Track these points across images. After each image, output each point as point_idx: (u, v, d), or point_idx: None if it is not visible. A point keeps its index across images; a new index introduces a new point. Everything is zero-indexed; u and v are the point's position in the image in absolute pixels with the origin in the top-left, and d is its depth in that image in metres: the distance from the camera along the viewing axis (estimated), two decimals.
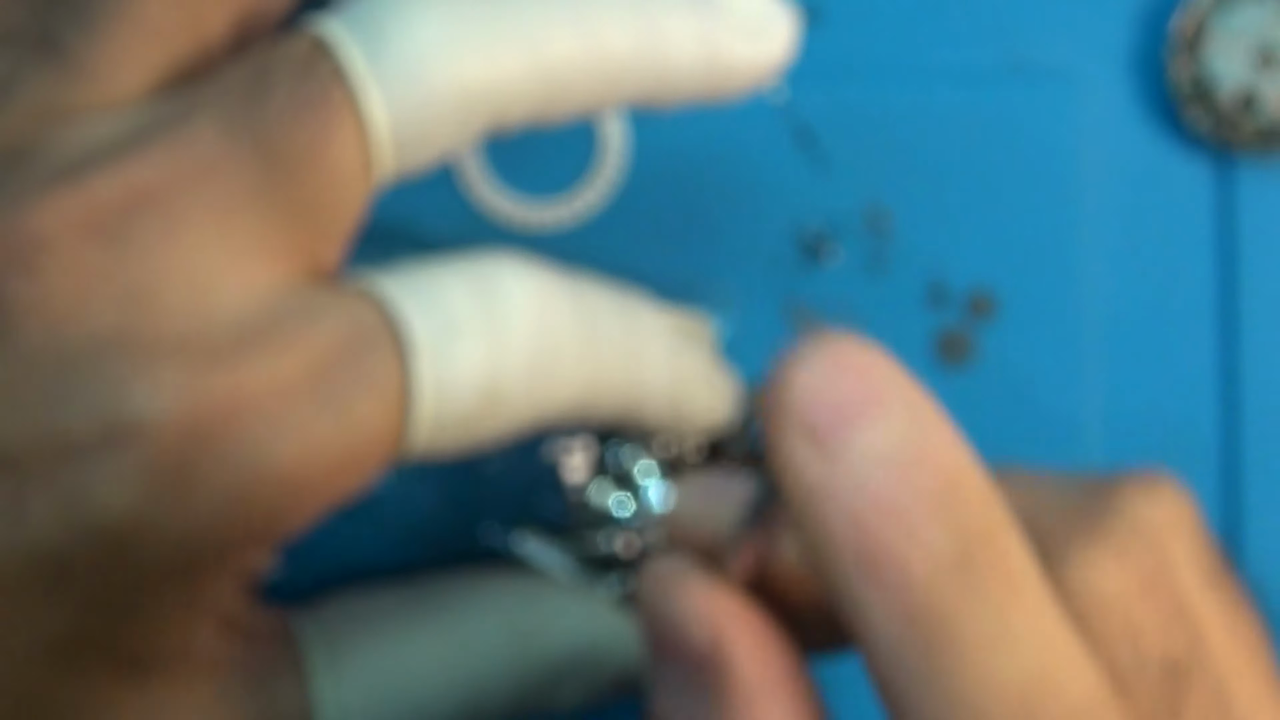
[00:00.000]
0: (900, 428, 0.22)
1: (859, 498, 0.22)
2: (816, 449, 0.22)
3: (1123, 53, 0.39)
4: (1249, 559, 0.38)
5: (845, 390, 0.22)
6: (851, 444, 0.22)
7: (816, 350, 0.23)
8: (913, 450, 0.22)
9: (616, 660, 0.33)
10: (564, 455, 0.37)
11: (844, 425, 0.22)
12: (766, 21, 0.30)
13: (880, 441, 0.22)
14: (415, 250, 0.37)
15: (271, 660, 0.30)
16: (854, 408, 0.22)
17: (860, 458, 0.22)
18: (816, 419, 0.22)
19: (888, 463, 0.22)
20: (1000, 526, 0.22)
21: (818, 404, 0.22)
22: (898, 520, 0.22)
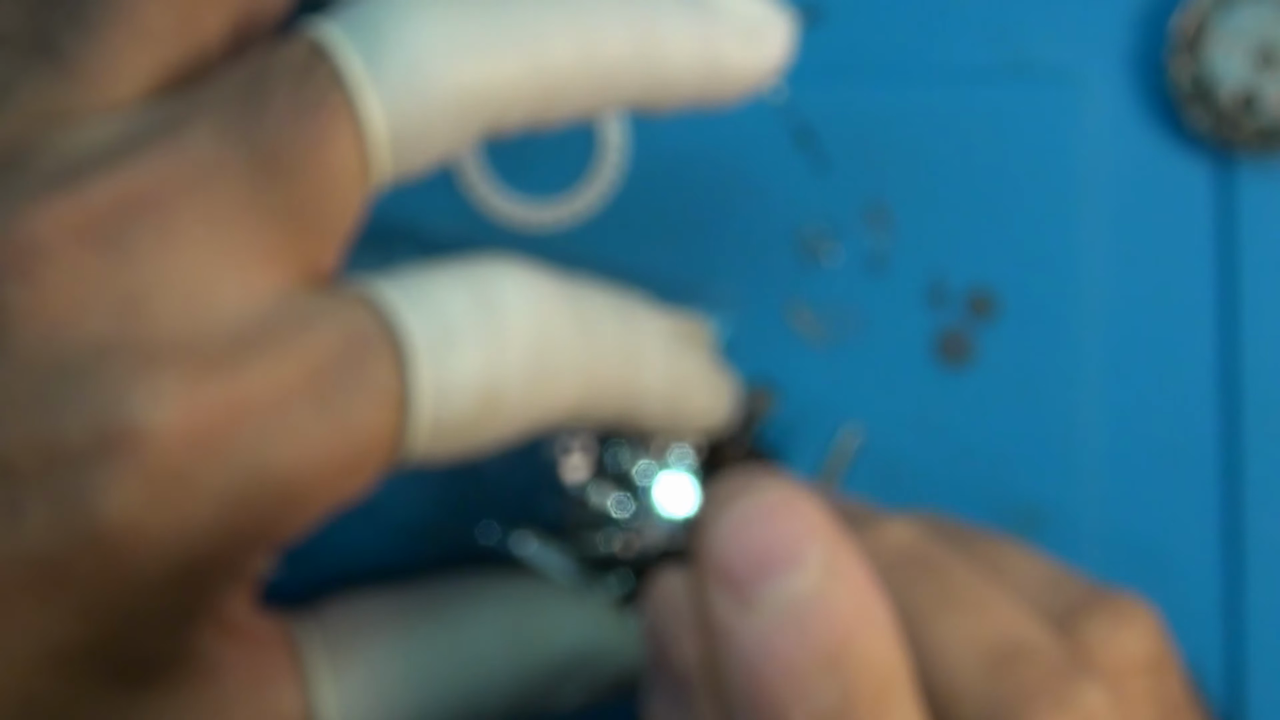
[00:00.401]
0: (808, 581, 0.23)
1: (758, 648, 0.23)
2: (730, 595, 0.23)
3: (1123, 52, 0.39)
4: (1249, 558, 0.38)
5: (762, 541, 0.23)
6: (760, 596, 0.23)
7: (742, 495, 0.23)
8: (815, 604, 0.23)
9: (615, 661, 0.33)
10: (563, 456, 0.37)
11: (757, 577, 0.23)
12: (763, 26, 0.30)
13: (786, 594, 0.23)
14: (415, 251, 0.37)
15: (272, 664, 0.30)
16: (768, 559, 0.23)
17: (765, 608, 0.23)
18: (732, 567, 0.23)
19: (788, 615, 0.22)
20: (888, 689, 0.23)
21: (736, 553, 0.23)
22: (788, 673, 0.22)
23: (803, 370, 0.38)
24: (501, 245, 0.35)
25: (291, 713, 0.30)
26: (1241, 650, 0.38)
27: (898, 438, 0.38)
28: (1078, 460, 0.38)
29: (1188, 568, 0.38)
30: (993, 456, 0.38)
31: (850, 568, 0.23)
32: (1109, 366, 0.38)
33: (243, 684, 0.29)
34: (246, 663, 0.29)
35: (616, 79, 0.29)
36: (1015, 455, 0.38)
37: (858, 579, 0.23)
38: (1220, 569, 0.38)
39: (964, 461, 0.38)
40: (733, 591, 0.23)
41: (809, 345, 0.38)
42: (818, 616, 0.22)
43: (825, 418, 0.38)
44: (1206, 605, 0.38)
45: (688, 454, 0.36)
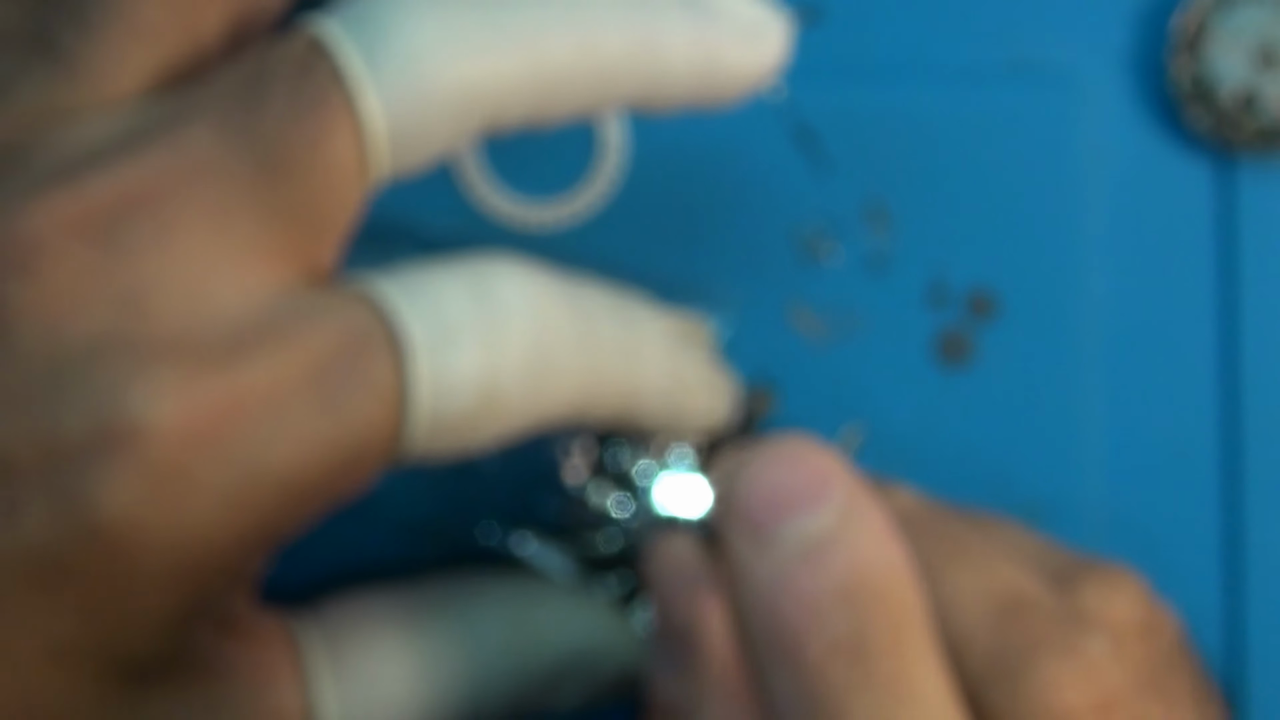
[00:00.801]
0: (826, 523, 0.24)
1: (776, 583, 0.24)
2: (750, 536, 0.24)
3: (1123, 52, 0.39)
4: (1250, 555, 0.38)
5: (784, 485, 0.24)
6: (779, 535, 0.24)
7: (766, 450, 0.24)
8: (833, 544, 0.24)
9: (615, 661, 0.34)
10: (563, 456, 0.37)
11: (776, 518, 0.24)
12: (761, 27, 0.30)
13: (804, 534, 0.24)
14: (414, 250, 0.37)
15: (273, 661, 0.30)
16: (788, 502, 0.24)
17: (784, 548, 0.24)
18: (753, 510, 0.24)
19: (807, 554, 0.24)
20: (904, 623, 0.23)
21: (757, 497, 0.24)
22: (804, 607, 0.23)
23: (803, 370, 0.38)
24: (501, 245, 0.35)
25: (293, 710, 0.30)
26: (1242, 644, 0.38)
27: (898, 437, 0.38)
28: (1078, 460, 0.38)
29: (1188, 567, 0.38)
30: (993, 456, 0.38)
31: (867, 510, 0.24)
32: (1109, 366, 0.38)
33: (244, 682, 0.29)
34: (247, 660, 0.29)
35: (615, 77, 0.29)
36: (1015, 455, 0.38)
37: (874, 520, 0.24)
38: (1221, 567, 0.38)
39: (964, 461, 0.38)
40: (753, 532, 0.24)
41: (809, 345, 0.38)
42: (835, 553, 0.23)
43: (825, 417, 0.38)
44: (1207, 603, 0.38)
45: (687, 454, 0.36)
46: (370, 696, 0.31)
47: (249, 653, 0.30)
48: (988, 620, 0.27)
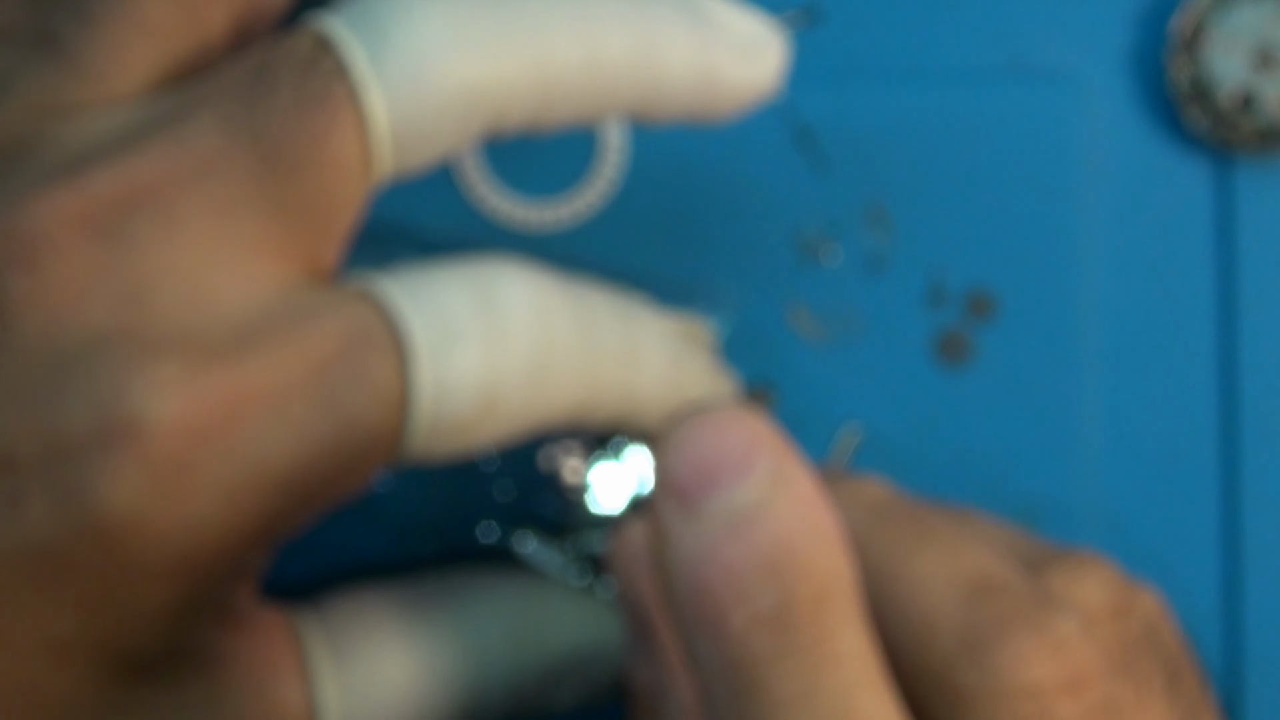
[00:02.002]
0: (754, 492, 0.23)
1: (699, 550, 0.23)
2: (677, 505, 0.24)
3: (1122, 53, 0.39)
4: (1247, 556, 0.38)
5: (710, 455, 0.24)
6: (707, 504, 0.23)
7: (695, 416, 0.24)
8: (758, 515, 0.23)
9: (615, 660, 0.33)
10: (563, 456, 0.37)
11: (703, 486, 0.23)
12: (760, 44, 0.31)
13: (731, 504, 0.23)
14: (414, 251, 0.37)
15: (275, 656, 0.30)
16: (716, 470, 0.23)
17: (710, 516, 0.23)
18: (681, 478, 0.24)
19: (731, 523, 0.23)
20: (828, 592, 0.23)
21: (685, 465, 0.24)
22: (728, 577, 0.23)
23: (802, 370, 0.38)
24: (501, 245, 0.35)
25: (295, 704, 0.30)
26: (1240, 642, 0.38)
27: (897, 437, 0.38)
28: (1077, 460, 0.38)
29: (1187, 566, 0.38)
30: (992, 456, 0.38)
31: (795, 479, 0.24)
32: (1107, 366, 0.39)
33: (247, 677, 0.29)
34: (250, 655, 0.29)
35: (616, 84, 0.30)
36: (1014, 455, 0.38)
37: (803, 490, 0.24)
38: (1219, 567, 0.38)
39: (963, 461, 0.38)
40: (680, 501, 0.23)
41: (808, 345, 0.39)
42: (760, 524, 0.23)
43: (824, 417, 0.38)
44: (1206, 602, 0.38)
45: None
46: (371, 691, 0.31)
47: (251, 647, 0.30)
48: (956, 600, 0.27)
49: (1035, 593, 0.27)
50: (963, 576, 0.27)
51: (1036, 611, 0.26)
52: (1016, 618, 0.26)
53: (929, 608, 0.26)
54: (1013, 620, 0.26)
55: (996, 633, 0.26)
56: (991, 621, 0.26)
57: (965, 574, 0.27)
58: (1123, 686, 0.27)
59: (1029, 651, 0.26)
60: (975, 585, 0.27)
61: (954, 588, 0.27)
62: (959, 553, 0.27)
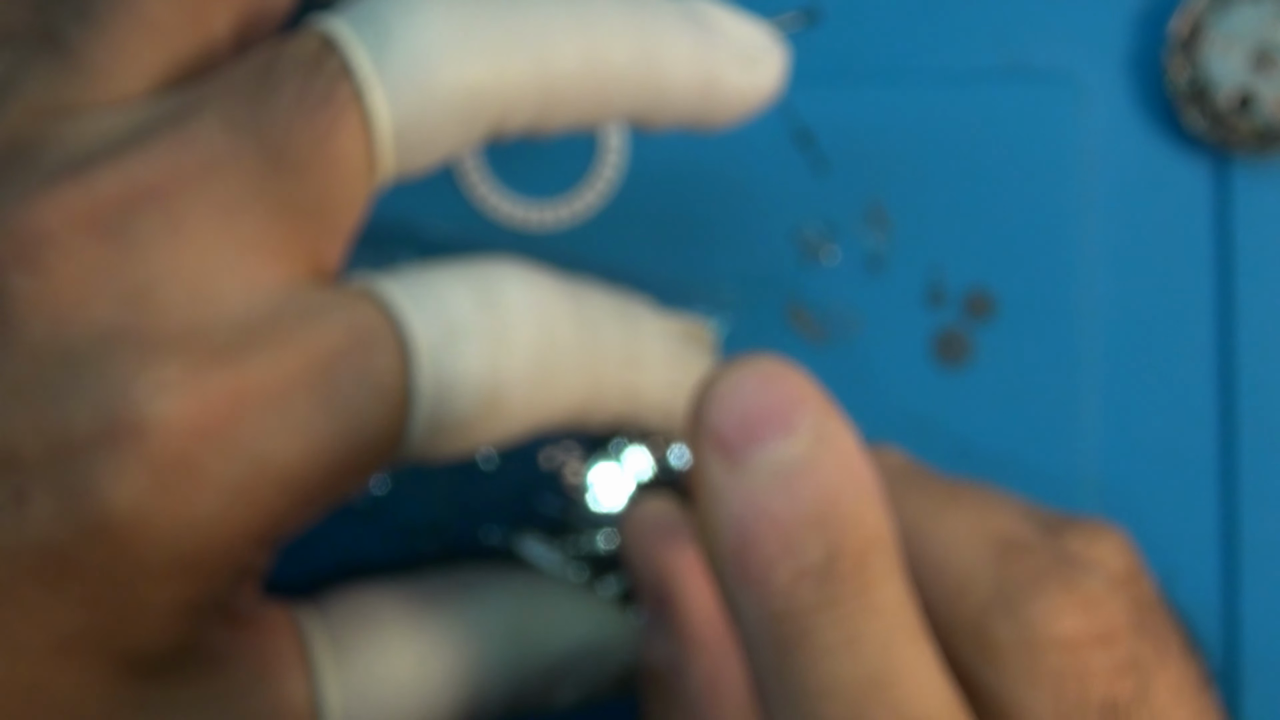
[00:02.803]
0: (799, 447, 0.24)
1: (746, 504, 0.24)
2: (722, 458, 0.24)
3: (1121, 54, 0.39)
4: (1246, 552, 0.38)
5: (756, 407, 0.24)
6: (751, 457, 0.24)
7: (739, 368, 0.24)
8: (805, 468, 0.23)
9: (616, 659, 0.34)
10: (564, 456, 0.37)
11: (748, 439, 0.24)
12: (761, 52, 0.31)
13: (776, 458, 0.24)
14: (415, 251, 0.37)
15: (279, 654, 0.30)
16: (761, 424, 0.24)
17: (756, 470, 0.24)
18: (725, 431, 0.24)
19: (778, 477, 0.23)
20: (871, 546, 0.24)
21: (729, 418, 0.24)
22: (773, 528, 0.23)
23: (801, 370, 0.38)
24: (501, 246, 0.35)
25: (300, 702, 0.30)
26: (1239, 636, 0.38)
27: (896, 437, 0.38)
28: (1075, 459, 0.38)
29: (1186, 566, 0.38)
30: (991, 455, 0.38)
31: (839, 435, 0.24)
32: (1107, 366, 0.39)
33: (251, 674, 0.29)
34: (255, 653, 0.29)
35: (618, 89, 0.30)
36: (1013, 454, 0.38)
37: (846, 446, 0.24)
38: (1219, 566, 0.38)
39: (962, 460, 0.38)
40: (725, 454, 0.24)
41: (808, 345, 0.39)
42: (806, 478, 0.23)
43: None
44: (1205, 601, 0.38)
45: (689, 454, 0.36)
46: (374, 687, 0.31)
47: (256, 644, 0.30)
48: (987, 558, 0.27)
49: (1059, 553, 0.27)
50: (992, 533, 0.27)
51: (1066, 568, 0.26)
52: (1048, 574, 0.26)
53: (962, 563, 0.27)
54: (1044, 576, 0.26)
55: (1029, 587, 0.26)
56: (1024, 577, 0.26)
57: (995, 531, 0.27)
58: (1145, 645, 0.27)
59: (1061, 605, 0.26)
60: (1003, 544, 0.27)
61: (983, 546, 0.27)
62: (986, 513, 0.28)
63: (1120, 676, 0.26)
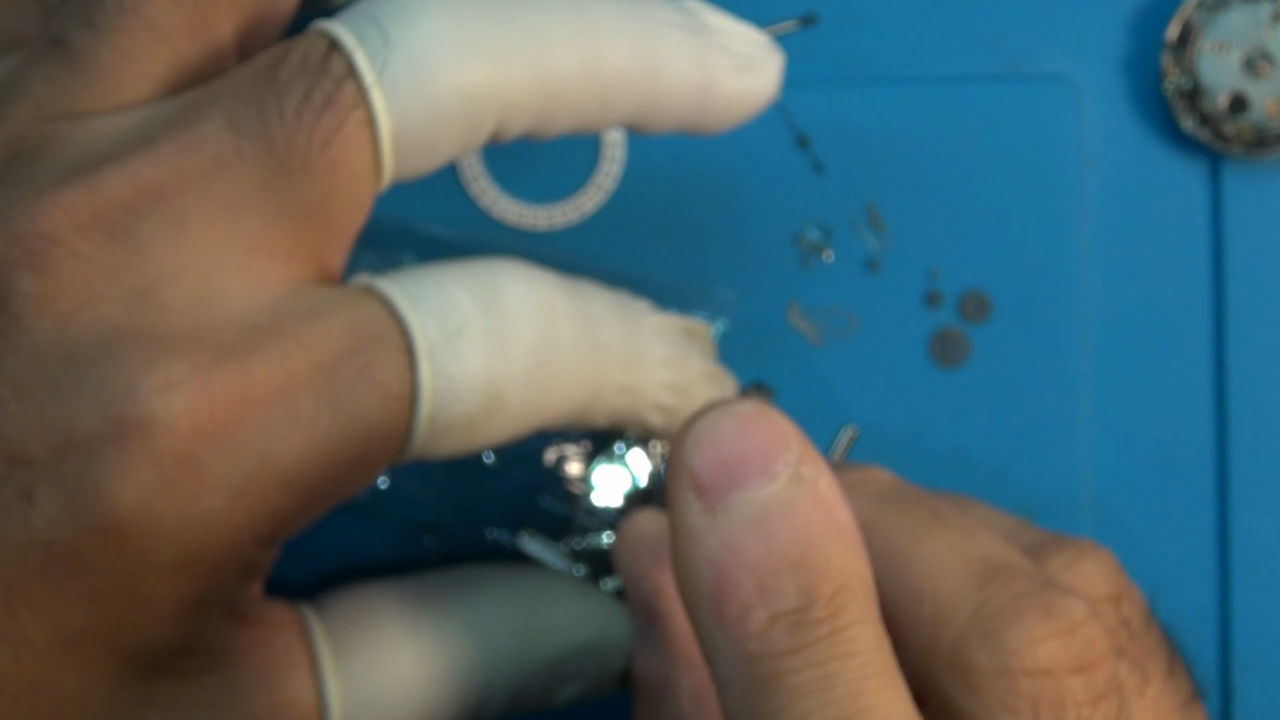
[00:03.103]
0: (776, 490, 0.24)
1: (722, 547, 0.24)
2: (701, 500, 0.24)
3: (1116, 58, 0.39)
4: (1237, 556, 0.38)
5: (734, 451, 0.24)
6: (730, 502, 0.24)
7: (717, 411, 0.24)
8: (781, 512, 0.24)
9: (618, 656, 0.34)
10: (564, 456, 0.37)
11: (726, 483, 0.24)
12: (759, 58, 0.31)
13: (753, 501, 0.24)
14: (418, 252, 0.38)
15: (284, 652, 0.30)
16: (738, 468, 0.24)
17: (732, 513, 0.24)
18: (703, 474, 0.24)
19: (754, 521, 0.24)
20: (847, 590, 0.24)
21: (707, 461, 0.24)
22: (749, 573, 0.24)
23: (800, 370, 0.39)
24: (502, 247, 0.35)
25: (304, 699, 0.30)
26: (1231, 637, 0.38)
27: (894, 436, 0.38)
28: (1071, 458, 0.38)
29: (1182, 564, 0.39)
30: (987, 455, 0.39)
31: (817, 478, 0.24)
32: (1103, 366, 0.39)
33: (256, 672, 0.29)
34: (259, 651, 0.30)
35: (617, 92, 0.30)
36: (1010, 453, 0.39)
37: (823, 488, 0.24)
38: (1214, 564, 0.39)
39: (959, 459, 0.39)
40: (703, 497, 0.24)
41: (807, 346, 0.39)
42: (782, 522, 0.24)
43: (822, 417, 0.38)
44: (1201, 600, 0.38)
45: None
46: (376, 685, 0.31)
47: (260, 643, 0.30)
48: (970, 583, 0.27)
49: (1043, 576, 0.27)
50: (973, 558, 0.27)
51: (1046, 594, 0.26)
52: (1029, 599, 0.26)
53: (941, 588, 0.27)
54: (1023, 601, 0.26)
55: (1008, 614, 0.26)
56: (1005, 603, 0.26)
57: (976, 556, 0.27)
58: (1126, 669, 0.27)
59: (1041, 633, 0.26)
60: (984, 567, 0.27)
61: (965, 569, 0.27)
62: (967, 536, 0.28)
63: (1099, 703, 0.26)
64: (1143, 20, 0.39)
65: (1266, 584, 0.38)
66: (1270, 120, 0.38)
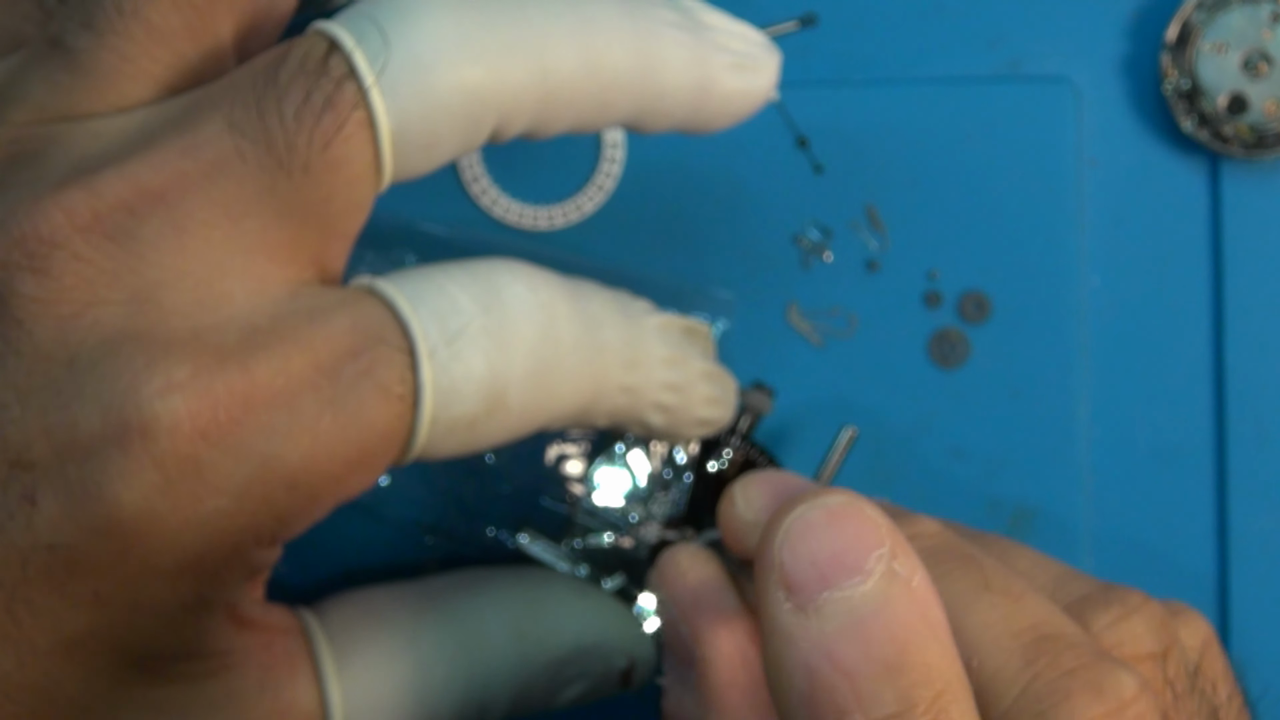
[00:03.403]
0: (869, 588, 0.23)
1: (816, 650, 0.23)
2: (792, 600, 0.23)
3: (1116, 59, 0.39)
4: (1239, 553, 0.38)
5: (826, 548, 0.23)
6: (823, 602, 0.23)
7: (808, 505, 0.24)
8: (876, 612, 0.23)
9: (620, 656, 0.34)
10: (565, 456, 0.37)
11: (820, 583, 0.23)
12: (756, 57, 0.31)
13: (847, 601, 0.23)
14: (419, 253, 0.38)
15: (286, 655, 0.30)
16: (831, 566, 0.23)
17: (826, 614, 0.23)
18: (795, 573, 0.23)
19: (849, 622, 0.23)
20: (948, 694, 0.23)
21: (799, 559, 0.23)
22: (845, 678, 0.23)
23: (800, 370, 0.39)
24: (502, 247, 0.35)
25: (306, 703, 0.30)
26: (1230, 643, 0.38)
27: (893, 436, 0.39)
28: (1070, 457, 0.39)
29: (1181, 564, 0.39)
30: (987, 454, 0.39)
31: (909, 573, 0.23)
32: (1102, 366, 0.39)
33: (258, 676, 0.29)
34: (261, 655, 0.30)
35: (616, 92, 0.30)
36: (1009, 453, 0.39)
37: (917, 586, 0.23)
38: (1213, 564, 0.39)
39: (958, 459, 0.39)
40: (795, 596, 0.23)
41: (807, 346, 0.39)
42: (877, 623, 0.23)
43: (822, 417, 0.38)
44: (1200, 599, 0.38)
45: (687, 452, 0.36)
46: (377, 688, 0.31)
47: (262, 646, 0.30)
48: (1018, 655, 0.26)
49: (1094, 644, 0.27)
50: (1020, 630, 0.26)
51: (1098, 668, 0.26)
52: (1079, 675, 0.26)
53: (989, 663, 0.26)
54: (1075, 678, 0.25)
55: (1058, 694, 0.25)
56: (1054, 679, 0.26)
57: (1024, 627, 0.27)
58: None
59: (1091, 714, 0.25)
60: (1035, 638, 0.26)
61: (1015, 640, 0.26)
62: (1015, 604, 0.27)
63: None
64: (1142, 21, 0.39)
65: (1265, 583, 0.38)
66: (1269, 121, 0.38)
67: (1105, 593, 0.30)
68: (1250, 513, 0.38)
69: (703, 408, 0.33)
